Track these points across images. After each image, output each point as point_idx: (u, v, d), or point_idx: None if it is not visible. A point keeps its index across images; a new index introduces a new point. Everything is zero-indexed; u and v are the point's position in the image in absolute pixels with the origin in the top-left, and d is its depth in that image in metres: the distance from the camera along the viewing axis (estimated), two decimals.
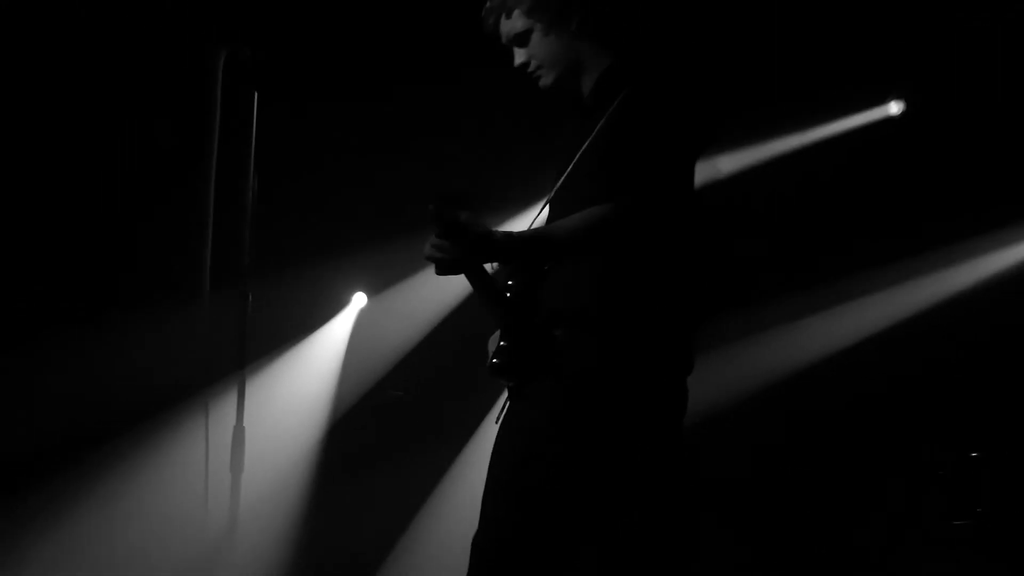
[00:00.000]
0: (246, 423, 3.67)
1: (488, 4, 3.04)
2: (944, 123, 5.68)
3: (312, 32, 5.16)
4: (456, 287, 4.80)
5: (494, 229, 2.67)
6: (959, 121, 5.60)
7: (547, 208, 3.01)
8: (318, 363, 5.48)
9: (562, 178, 2.93)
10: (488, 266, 2.88)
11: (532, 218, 3.05)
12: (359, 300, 5.45)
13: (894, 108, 5.80)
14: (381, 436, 5.38)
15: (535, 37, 2.98)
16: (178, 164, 4.92)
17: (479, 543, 2.81)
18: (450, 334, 5.40)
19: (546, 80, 3.02)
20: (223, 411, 3.87)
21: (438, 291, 5.37)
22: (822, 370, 5.73)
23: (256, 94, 3.71)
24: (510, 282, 2.86)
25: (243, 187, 3.70)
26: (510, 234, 2.66)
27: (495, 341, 2.88)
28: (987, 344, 5.36)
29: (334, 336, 5.51)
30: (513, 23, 3.00)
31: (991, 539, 4.72)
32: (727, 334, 5.59)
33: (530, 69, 3.03)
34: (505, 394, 2.97)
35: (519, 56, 3.03)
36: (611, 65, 3.00)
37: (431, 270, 3.19)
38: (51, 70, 5.29)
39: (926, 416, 5.37)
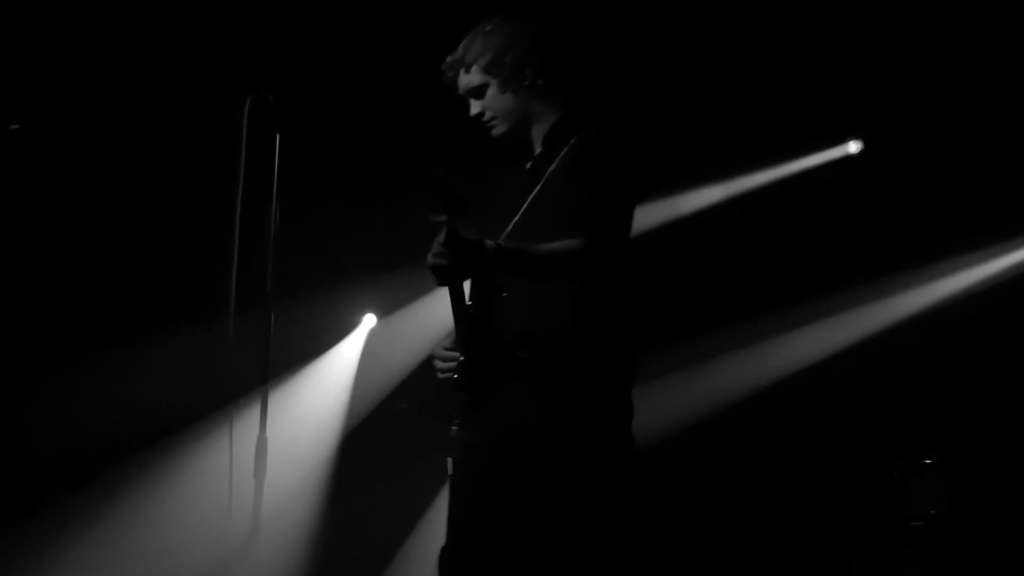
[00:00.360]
0: (268, 433, 3.54)
1: (448, 59, 3.08)
2: (897, 161, 5.66)
3: (328, 72, 5.07)
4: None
5: (483, 239, 2.68)
6: (911, 159, 5.59)
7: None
8: (333, 378, 5.47)
9: (517, 215, 2.99)
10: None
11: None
12: (369, 321, 5.49)
13: (853, 147, 5.94)
14: (389, 446, 5.36)
15: (491, 91, 3.03)
16: (207, 199, 4.70)
17: (449, 557, 2.85)
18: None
19: (499, 130, 3.07)
20: (246, 422, 3.67)
21: (440, 314, 5.38)
22: (784, 386, 5.71)
23: (277, 135, 3.59)
24: (469, 302, 2.89)
25: (265, 219, 3.59)
26: (499, 245, 2.67)
27: (444, 353, 2.92)
28: (934, 360, 5.33)
29: (347, 354, 5.51)
30: (471, 78, 3.04)
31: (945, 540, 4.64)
32: (700, 353, 5.68)
33: (485, 119, 3.08)
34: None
35: (475, 107, 3.09)
36: (561, 118, 3.08)
37: (434, 295, 3.32)
38: (88, 103, 5.30)
39: (878, 426, 5.31)
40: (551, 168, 2.99)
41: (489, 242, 2.64)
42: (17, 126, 5.03)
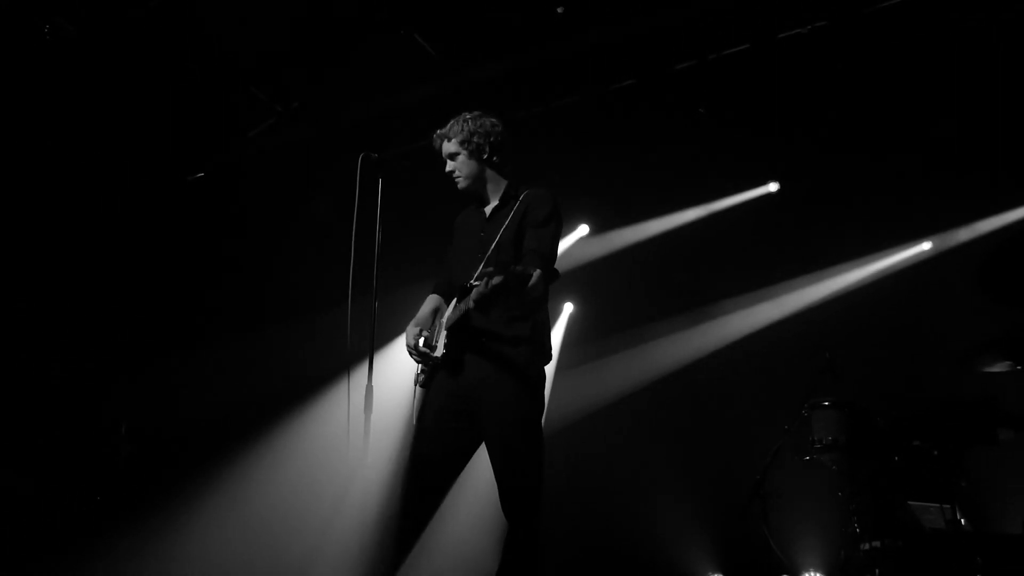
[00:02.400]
0: (374, 382, 3.94)
1: (438, 132, 3.75)
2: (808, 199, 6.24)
3: (414, 137, 5.64)
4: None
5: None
6: (819, 197, 6.13)
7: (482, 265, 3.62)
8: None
9: (493, 243, 3.61)
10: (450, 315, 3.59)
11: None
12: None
13: (773, 187, 6.60)
14: None
15: (461, 158, 3.74)
16: (332, 224, 5.17)
17: (413, 493, 3.56)
18: None
19: (462, 184, 3.76)
20: (359, 375, 4.00)
21: None
22: (726, 353, 6.41)
23: (380, 179, 4.04)
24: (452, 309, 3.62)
25: (371, 236, 4.00)
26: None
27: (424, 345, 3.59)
28: (830, 337, 5.74)
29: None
30: (449, 147, 3.73)
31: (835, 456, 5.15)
32: (672, 327, 6.30)
33: (455, 175, 3.74)
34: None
35: (449, 166, 3.75)
36: (509, 184, 3.75)
37: None
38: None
39: (793, 381, 5.67)
40: (508, 218, 3.70)
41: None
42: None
